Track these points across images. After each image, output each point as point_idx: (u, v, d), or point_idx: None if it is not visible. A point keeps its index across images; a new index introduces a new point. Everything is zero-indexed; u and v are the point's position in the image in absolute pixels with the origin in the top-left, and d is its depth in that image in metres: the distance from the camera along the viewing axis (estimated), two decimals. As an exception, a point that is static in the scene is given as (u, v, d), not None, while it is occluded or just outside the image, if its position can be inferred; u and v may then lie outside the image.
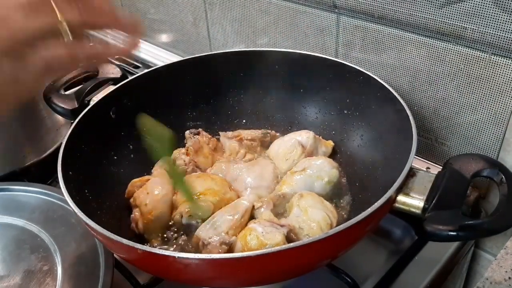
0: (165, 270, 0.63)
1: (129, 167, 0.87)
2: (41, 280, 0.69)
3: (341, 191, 0.82)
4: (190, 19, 1.22)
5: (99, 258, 0.72)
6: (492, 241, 0.85)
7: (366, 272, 0.75)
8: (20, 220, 0.79)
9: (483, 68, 0.75)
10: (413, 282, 0.73)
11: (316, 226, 0.70)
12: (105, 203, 0.77)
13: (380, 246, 0.81)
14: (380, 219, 0.65)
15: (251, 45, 1.10)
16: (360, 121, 0.87)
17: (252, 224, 0.69)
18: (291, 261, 0.58)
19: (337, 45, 0.93)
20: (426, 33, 0.79)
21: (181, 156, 0.88)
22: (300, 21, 0.97)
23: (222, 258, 0.56)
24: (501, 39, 0.71)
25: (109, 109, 0.87)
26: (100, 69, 0.94)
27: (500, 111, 0.76)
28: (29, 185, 0.86)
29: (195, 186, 0.78)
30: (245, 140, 0.91)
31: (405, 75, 0.85)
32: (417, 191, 0.64)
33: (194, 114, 0.98)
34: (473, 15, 0.72)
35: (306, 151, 0.86)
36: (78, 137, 0.77)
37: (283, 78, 0.95)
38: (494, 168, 0.67)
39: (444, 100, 0.82)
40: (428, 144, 0.88)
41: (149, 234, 0.76)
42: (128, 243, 0.57)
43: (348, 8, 0.87)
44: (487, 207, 0.84)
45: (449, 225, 0.59)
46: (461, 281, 0.90)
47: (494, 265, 0.65)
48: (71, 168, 0.72)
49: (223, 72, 0.97)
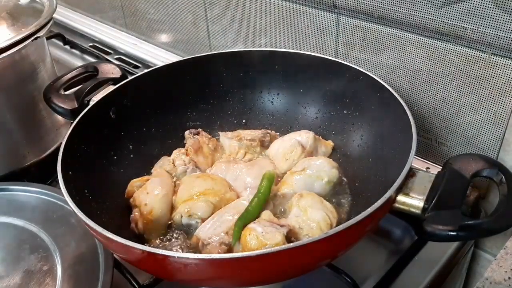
0: (165, 270, 0.63)
1: (128, 167, 0.87)
2: (40, 280, 0.69)
3: (341, 191, 0.82)
4: (190, 19, 1.22)
5: (99, 258, 0.72)
6: (492, 241, 0.85)
7: (366, 272, 0.75)
8: (20, 220, 0.79)
9: (483, 68, 0.75)
10: (413, 282, 0.73)
11: (316, 226, 0.70)
12: (104, 203, 0.77)
13: (380, 246, 0.81)
14: (380, 219, 0.65)
15: (251, 45, 1.10)
16: (360, 121, 0.87)
17: (252, 224, 0.69)
18: (291, 261, 0.58)
19: (337, 45, 0.93)
20: (426, 33, 0.79)
21: (181, 156, 0.88)
22: (300, 21, 0.97)
23: (221, 258, 0.56)
24: (501, 39, 0.71)
25: (109, 109, 0.87)
26: (100, 69, 0.94)
27: (499, 111, 0.76)
28: (29, 185, 0.86)
29: (195, 186, 0.78)
30: (244, 140, 0.91)
31: (405, 75, 0.85)
32: (417, 191, 0.64)
33: (194, 114, 0.98)
34: (473, 15, 0.72)
35: (306, 151, 0.86)
36: (78, 137, 0.77)
37: (283, 78, 0.95)
38: (494, 168, 0.67)
39: (444, 100, 0.82)
40: (428, 144, 0.88)
41: (148, 234, 0.76)
42: (128, 243, 0.57)
43: (348, 8, 0.87)
44: (487, 207, 0.84)
45: (449, 225, 0.59)
46: (461, 281, 0.90)
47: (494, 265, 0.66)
48: (71, 168, 0.72)
49: (223, 72, 0.97)
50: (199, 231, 0.72)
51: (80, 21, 1.62)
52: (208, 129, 0.95)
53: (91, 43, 1.50)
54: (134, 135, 0.90)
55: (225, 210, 0.75)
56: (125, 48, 1.43)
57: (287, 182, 0.80)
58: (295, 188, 0.79)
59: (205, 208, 0.75)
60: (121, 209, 0.80)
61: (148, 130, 0.93)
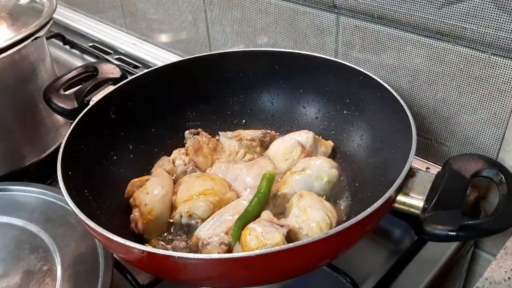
0: (165, 270, 0.63)
1: (128, 167, 0.87)
2: (40, 280, 0.69)
3: (341, 191, 0.82)
4: (190, 19, 1.22)
5: (99, 258, 0.72)
6: (492, 241, 0.85)
7: (365, 272, 0.75)
8: (20, 220, 0.79)
9: (482, 68, 0.75)
10: (412, 282, 0.73)
11: (315, 226, 0.69)
12: (104, 203, 0.77)
13: (380, 246, 0.81)
14: (379, 219, 0.65)
15: (250, 45, 1.10)
16: (360, 121, 0.87)
17: (252, 224, 0.69)
18: (290, 261, 0.58)
19: (336, 45, 0.93)
20: (426, 33, 0.79)
21: (181, 156, 0.88)
22: (299, 21, 0.97)
23: (221, 258, 0.56)
24: (500, 39, 0.71)
25: (108, 109, 0.87)
26: (100, 69, 0.94)
27: (499, 111, 0.76)
28: (28, 185, 0.86)
29: (195, 186, 0.78)
30: (244, 140, 0.91)
31: (404, 75, 0.85)
32: (416, 191, 0.64)
33: (193, 114, 0.98)
34: (472, 15, 0.72)
35: (306, 151, 0.86)
36: (77, 137, 0.77)
37: (283, 78, 0.95)
38: (494, 168, 0.67)
39: (443, 100, 0.82)
40: (428, 144, 0.88)
41: (148, 234, 0.76)
42: (128, 243, 0.57)
43: (347, 8, 0.87)
44: (487, 207, 0.84)
45: (449, 225, 0.59)
46: (461, 281, 0.90)
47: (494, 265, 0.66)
48: (71, 168, 0.72)
49: (223, 72, 0.97)
50: (199, 231, 0.72)
51: (80, 21, 1.62)
52: (208, 129, 0.95)
53: (91, 43, 1.50)
54: (134, 135, 0.90)
55: (225, 210, 0.75)
56: (125, 48, 1.43)
57: (287, 182, 0.80)
58: (295, 188, 0.79)
59: (205, 208, 0.75)
60: (121, 209, 0.80)
61: (148, 130, 0.93)
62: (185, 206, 0.76)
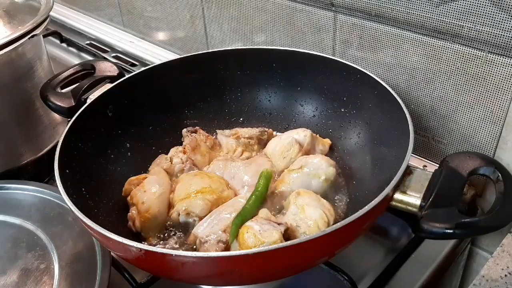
0: (162, 269, 0.63)
1: (126, 165, 0.87)
2: (38, 278, 0.69)
3: (338, 189, 0.82)
4: (187, 17, 1.22)
5: (96, 256, 0.72)
6: (489, 239, 0.86)
7: (363, 270, 0.75)
8: (17, 219, 0.79)
9: (479, 66, 0.75)
10: (410, 280, 0.73)
11: (313, 224, 0.70)
12: (102, 201, 0.77)
13: (377, 244, 0.81)
14: (377, 217, 0.65)
15: (248, 43, 1.10)
16: (357, 119, 0.87)
17: (249, 222, 0.69)
18: (288, 259, 0.58)
19: (334, 43, 0.93)
20: (423, 31, 0.79)
21: (178, 154, 0.88)
22: (297, 19, 0.96)
23: (219, 256, 0.57)
24: (497, 37, 0.71)
25: (106, 107, 0.87)
26: (97, 67, 0.94)
27: (496, 109, 0.76)
28: (25, 183, 0.86)
29: (192, 184, 0.78)
30: (242, 138, 0.91)
31: (402, 73, 0.85)
32: (414, 189, 0.64)
33: (191, 112, 0.97)
34: (469, 13, 0.72)
35: (303, 149, 0.86)
36: (75, 135, 0.77)
37: (280, 76, 0.95)
38: (491, 166, 0.67)
39: (441, 98, 0.82)
40: (425, 142, 0.88)
41: (146, 232, 0.76)
42: (125, 242, 0.57)
43: (345, 6, 0.87)
44: (484, 205, 0.84)
45: (446, 223, 0.59)
46: (458, 278, 0.90)
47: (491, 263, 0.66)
48: (68, 167, 0.72)
49: (221, 70, 0.97)
50: (196, 229, 0.72)
51: (77, 19, 1.62)
52: (205, 127, 0.95)
53: (88, 41, 1.50)
54: (132, 133, 0.90)
55: (222, 208, 0.75)
56: (122, 46, 1.43)
57: (285, 180, 0.80)
58: (293, 186, 0.79)
59: (202, 206, 0.75)
60: (118, 207, 0.80)
61: (145, 128, 0.92)
62: (183, 204, 0.76)
